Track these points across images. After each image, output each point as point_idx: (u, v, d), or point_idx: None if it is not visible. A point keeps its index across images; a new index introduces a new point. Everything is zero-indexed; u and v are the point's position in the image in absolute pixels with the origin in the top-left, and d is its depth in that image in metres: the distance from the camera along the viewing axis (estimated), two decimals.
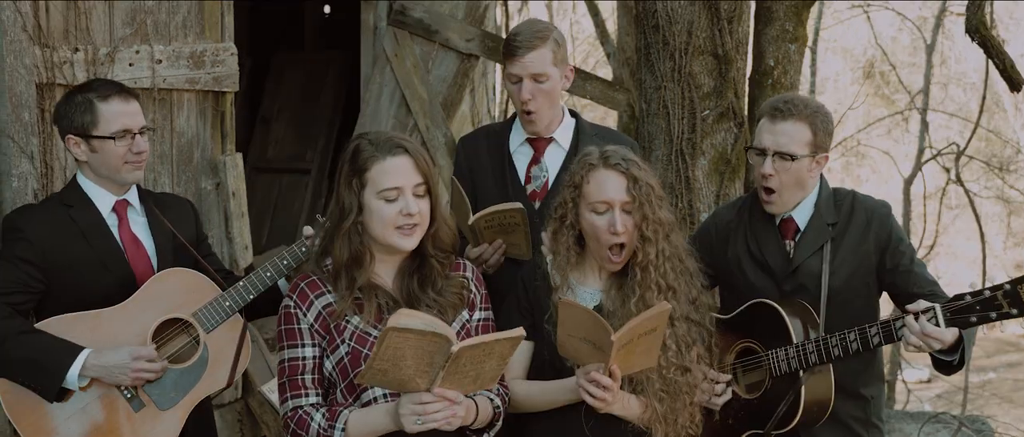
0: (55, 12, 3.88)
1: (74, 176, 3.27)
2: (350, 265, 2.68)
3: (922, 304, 2.85)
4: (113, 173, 3.18)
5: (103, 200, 3.23)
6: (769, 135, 3.11)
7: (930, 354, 2.94)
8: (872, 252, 3.15)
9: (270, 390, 4.59)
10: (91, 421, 3.08)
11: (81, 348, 3.01)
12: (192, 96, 4.54)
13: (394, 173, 2.65)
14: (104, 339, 3.08)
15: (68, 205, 3.19)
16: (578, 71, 6.36)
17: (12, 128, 3.65)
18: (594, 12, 10.41)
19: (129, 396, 3.11)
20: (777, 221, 3.25)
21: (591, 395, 2.65)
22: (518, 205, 3.20)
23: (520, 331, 2.49)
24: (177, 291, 3.18)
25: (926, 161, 11.95)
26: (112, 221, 3.23)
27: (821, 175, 3.25)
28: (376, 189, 2.65)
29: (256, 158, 7.96)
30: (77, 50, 3.95)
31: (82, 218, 3.17)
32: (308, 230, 3.24)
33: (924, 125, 12.46)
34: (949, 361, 2.92)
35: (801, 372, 3.03)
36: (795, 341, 3.03)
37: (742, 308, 3.19)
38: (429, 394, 2.48)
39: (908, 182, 12.16)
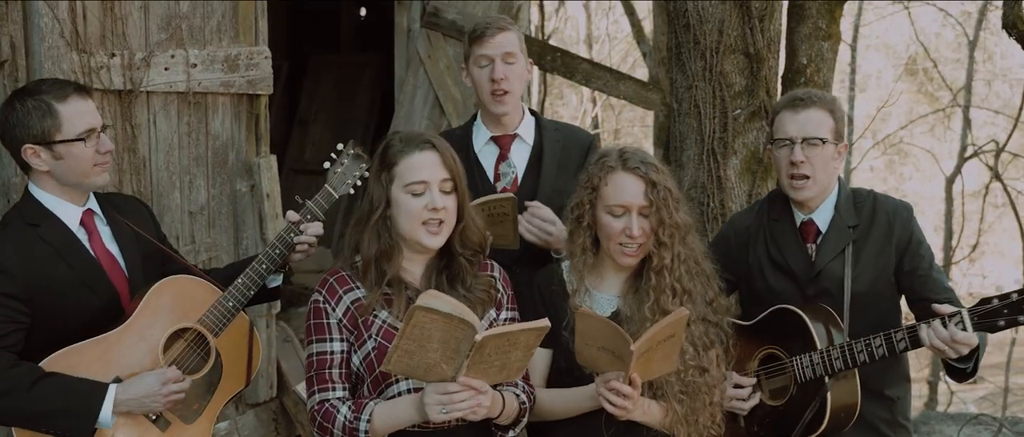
0: (92, 18, 3.95)
1: (26, 190, 3.00)
2: (379, 258, 2.72)
3: (948, 308, 2.82)
4: (81, 179, 2.92)
5: (69, 214, 2.98)
6: (793, 124, 3.10)
7: (943, 361, 2.90)
8: (893, 254, 3.12)
9: (304, 389, 4.64)
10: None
11: (106, 385, 2.86)
12: (227, 99, 4.59)
13: (421, 167, 2.70)
14: (117, 364, 2.94)
15: (34, 224, 2.92)
16: (611, 71, 6.37)
17: None
18: (630, 11, 10.38)
19: (155, 418, 3.00)
20: (798, 223, 3.21)
21: (611, 403, 2.66)
22: (509, 194, 3.23)
23: (545, 322, 2.50)
24: (177, 301, 3.04)
25: (968, 158, 11.75)
26: (83, 236, 2.99)
27: (839, 177, 3.23)
28: (403, 183, 2.70)
29: (293, 160, 8.04)
30: (113, 55, 4.02)
31: (53, 237, 2.92)
32: (292, 215, 3.19)
33: (966, 122, 12.25)
34: (962, 368, 2.88)
35: (827, 378, 3.00)
36: (819, 347, 3.00)
37: (764, 314, 3.17)
38: (454, 383, 2.50)
39: (950, 180, 11.97)
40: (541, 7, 10.67)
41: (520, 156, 3.51)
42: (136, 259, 3.10)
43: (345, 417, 2.64)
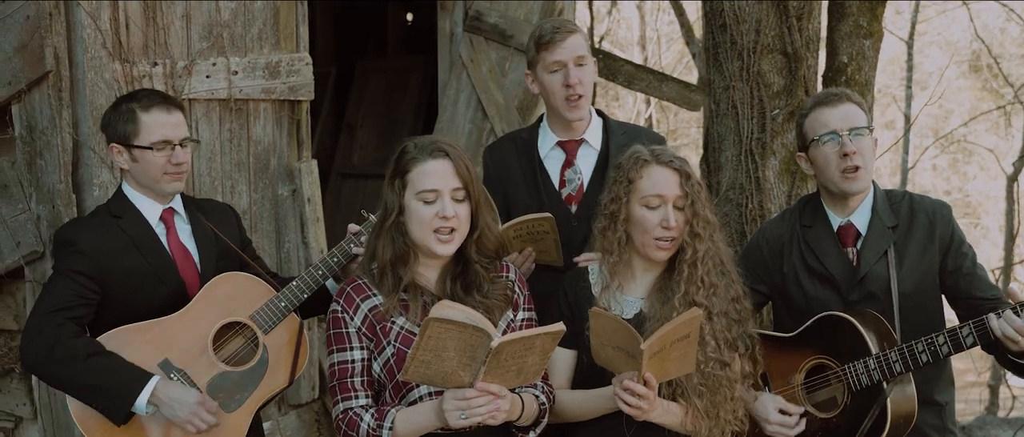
0: (135, 29, 4.05)
1: (119, 186, 3.29)
2: (394, 263, 2.76)
3: (1022, 295, 2.76)
4: (152, 183, 3.18)
5: (150, 209, 3.24)
6: (835, 118, 3.05)
7: (1006, 356, 2.83)
8: (937, 253, 3.05)
9: None
10: (162, 426, 3.11)
11: (150, 374, 3.03)
12: (268, 105, 4.68)
13: (433, 175, 2.72)
14: (168, 348, 3.12)
15: (117, 216, 3.19)
16: (654, 72, 6.36)
17: (93, 140, 3.84)
18: (680, 12, 10.32)
19: None
20: (835, 228, 3.14)
21: (627, 403, 2.66)
22: (547, 214, 3.20)
23: (560, 326, 2.51)
24: (232, 295, 3.22)
25: None
26: (161, 231, 3.25)
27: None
28: (415, 190, 2.73)
29: (342, 164, 8.15)
30: (156, 64, 4.12)
31: (132, 229, 3.18)
32: (354, 227, 3.29)
33: None
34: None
35: (885, 384, 2.92)
36: (873, 352, 2.92)
37: (808, 324, 3.09)
38: (472, 389, 2.52)
39: (1011, 179, 11.67)
40: (590, 8, 10.65)
41: (586, 162, 3.44)
42: (211, 257, 3.29)
43: (368, 425, 2.68)
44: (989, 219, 19.16)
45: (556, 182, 3.44)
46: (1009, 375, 11.66)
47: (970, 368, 11.80)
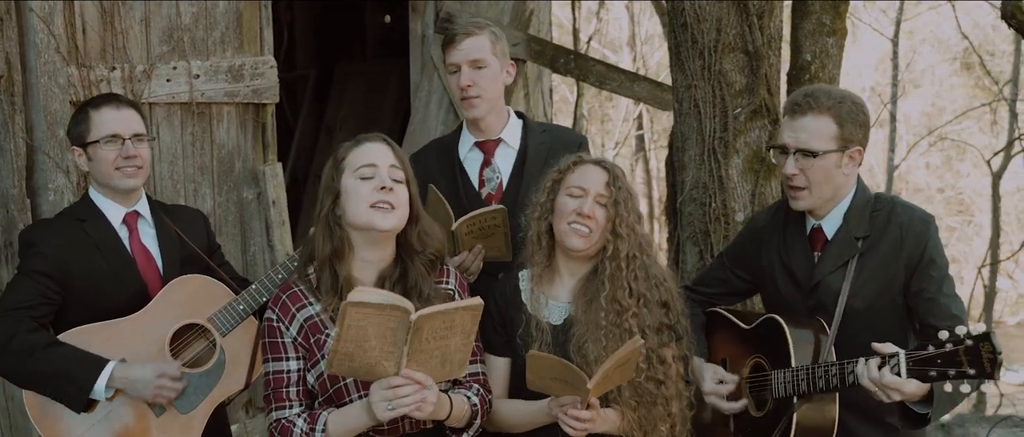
0: (92, 33, 4.06)
1: (86, 190, 3.35)
2: (332, 258, 2.73)
3: (889, 348, 2.65)
4: (107, 180, 3.23)
5: (113, 212, 3.29)
6: (789, 132, 2.93)
7: (900, 403, 2.69)
8: (901, 272, 2.91)
9: None
10: (115, 427, 3.17)
11: (107, 360, 3.09)
12: (232, 108, 4.68)
13: (369, 153, 2.73)
14: (124, 348, 3.15)
15: (81, 219, 3.26)
16: (626, 72, 6.36)
17: (47, 145, 3.85)
18: (661, 12, 10.31)
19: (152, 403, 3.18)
20: (808, 230, 3.06)
21: (572, 428, 2.67)
22: (499, 206, 3.21)
23: (478, 300, 2.49)
24: (192, 297, 3.26)
25: (1016, 154, 11.42)
26: (123, 233, 3.30)
27: (859, 180, 3.04)
28: (352, 169, 2.71)
29: (321, 167, 8.12)
30: (114, 68, 4.12)
31: (95, 231, 3.24)
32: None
33: (1013, 116, 11.91)
34: (923, 413, 2.68)
35: (795, 399, 2.88)
36: (794, 364, 2.88)
37: (759, 321, 3.08)
38: (398, 378, 2.49)
39: (997, 176, 11.64)
40: (574, 8, 10.65)
41: (505, 161, 3.47)
42: (175, 261, 3.33)
43: (300, 429, 2.67)
44: (982, 217, 19.12)
45: (476, 182, 3.47)
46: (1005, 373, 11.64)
47: None
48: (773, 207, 3.33)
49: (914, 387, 2.58)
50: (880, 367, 2.62)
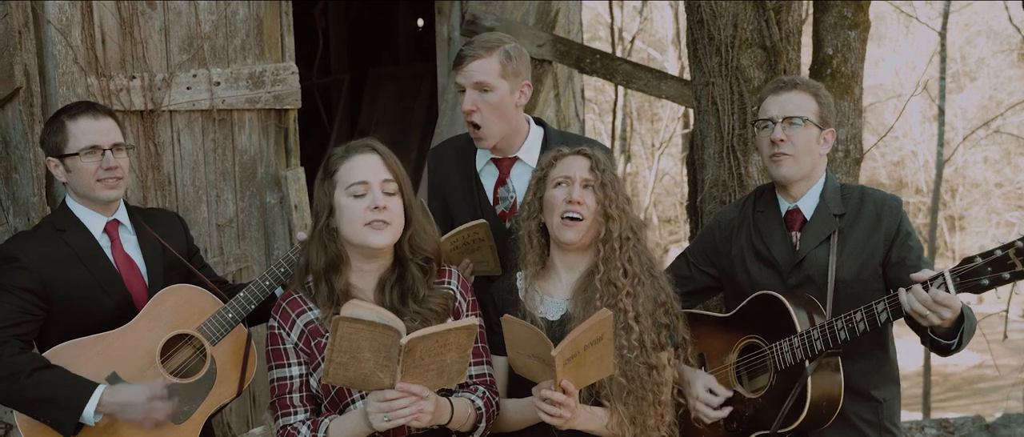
0: (111, 44, 4.14)
1: (63, 199, 3.27)
2: (328, 271, 2.73)
3: (927, 273, 2.77)
4: (88, 192, 3.16)
5: (93, 221, 3.21)
6: (775, 105, 3.11)
7: (929, 334, 2.85)
8: (881, 244, 3.06)
9: None
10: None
11: (95, 384, 3.00)
12: (253, 115, 4.74)
13: (360, 168, 2.69)
14: (115, 362, 3.10)
15: (61, 229, 3.18)
16: (652, 71, 6.29)
17: None
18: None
19: None
20: (783, 213, 3.16)
21: (547, 413, 2.63)
22: (481, 221, 3.15)
23: (473, 320, 2.49)
24: (180, 307, 3.18)
25: None
26: (105, 243, 3.22)
27: (826, 169, 3.18)
28: (344, 186, 2.69)
29: None
30: (133, 77, 4.20)
31: (76, 242, 3.16)
32: (301, 236, 3.22)
33: None
34: (947, 344, 2.84)
35: (807, 363, 2.91)
36: (799, 331, 2.93)
37: (743, 303, 3.11)
38: (393, 391, 2.48)
39: None
40: (611, 8, 10.60)
41: (521, 180, 3.33)
42: (158, 268, 3.27)
43: None
44: None
45: (491, 198, 3.37)
46: None
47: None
48: (740, 201, 3.39)
49: (959, 303, 2.73)
50: (926, 290, 2.74)
